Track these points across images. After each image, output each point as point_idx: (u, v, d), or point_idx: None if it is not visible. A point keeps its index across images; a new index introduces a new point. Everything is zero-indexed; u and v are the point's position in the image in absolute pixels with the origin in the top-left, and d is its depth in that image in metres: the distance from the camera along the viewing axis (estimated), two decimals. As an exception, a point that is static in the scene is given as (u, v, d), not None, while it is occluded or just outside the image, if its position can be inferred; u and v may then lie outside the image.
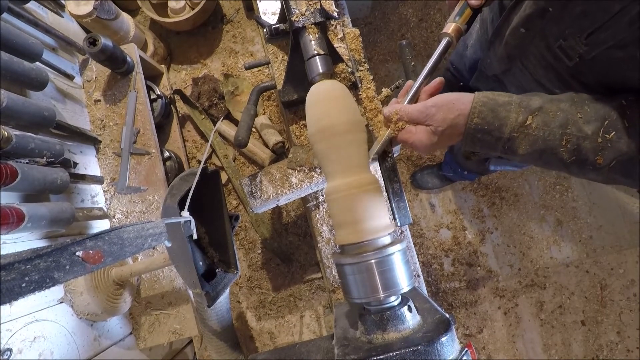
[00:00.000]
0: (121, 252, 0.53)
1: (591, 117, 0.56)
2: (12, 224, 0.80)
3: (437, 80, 0.69)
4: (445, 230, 1.79)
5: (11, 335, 0.84)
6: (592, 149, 0.55)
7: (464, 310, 1.74)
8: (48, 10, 1.26)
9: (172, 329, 1.21)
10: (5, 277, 0.39)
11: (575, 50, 0.58)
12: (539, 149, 0.59)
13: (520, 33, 0.68)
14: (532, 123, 0.58)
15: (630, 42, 0.51)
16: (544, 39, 0.64)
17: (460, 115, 0.61)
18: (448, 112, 0.62)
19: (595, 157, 0.56)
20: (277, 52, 1.13)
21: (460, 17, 0.70)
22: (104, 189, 1.27)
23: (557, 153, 0.58)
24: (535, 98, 0.60)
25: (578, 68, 0.61)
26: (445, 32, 0.70)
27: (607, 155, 0.55)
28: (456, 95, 0.63)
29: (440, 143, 0.65)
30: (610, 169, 0.56)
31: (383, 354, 0.57)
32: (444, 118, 0.62)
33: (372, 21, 1.92)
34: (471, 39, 1.10)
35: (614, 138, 0.54)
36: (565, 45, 0.60)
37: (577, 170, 0.59)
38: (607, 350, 1.69)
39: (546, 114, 0.58)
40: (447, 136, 0.63)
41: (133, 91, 1.29)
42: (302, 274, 1.64)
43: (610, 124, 0.54)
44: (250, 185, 0.98)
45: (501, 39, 0.75)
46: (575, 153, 0.57)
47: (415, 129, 0.66)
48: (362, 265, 0.63)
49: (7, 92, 0.90)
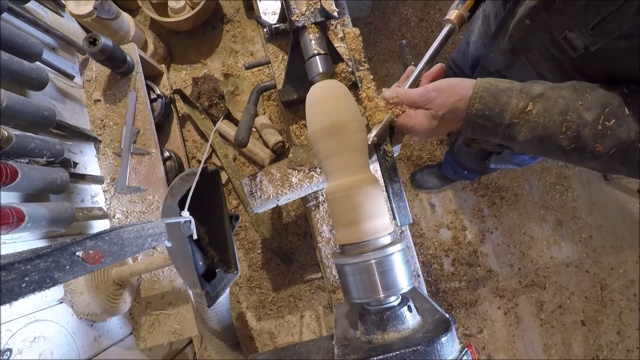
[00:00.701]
0: (121, 252, 0.53)
1: (592, 104, 0.56)
2: (12, 224, 0.80)
3: (438, 65, 0.69)
4: (445, 230, 1.79)
5: (11, 335, 0.84)
6: (592, 136, 0.55)
7: (464, 310, 1.74)
8: (48, 10, 1.26)
9: (172, 329, 1.21)
10: (5, 277, 0.39)
11: (580, 42, 0.58)
12: (538, 136, 0.58)
13: (525, 25, 0.68)
14: (533, 109, 0.58)
15: (636, 32, 0.51)
16: (549, 31, 0.64)
17: (461, 99, 0.61)
18: (449, 96, 0.62)
19: (594, 145, 0.55)
20: (277, 52, 1.13)
21: (463, 4, 0.70)
22: (104, 189, 1.26)
23: (556, 140, 0.58)
24: (536, 85, 0.59)
25: (582, 60, 0.61)
26: (447, 18, 0.70)
27: (606, 143, 0.55)
28: (457, 80, 0.63)
29: (440, 128, 0.65)
30: (609, 157, 0.56)
31: (383, 354, 0.57)
32: (444, 102, 0.62)
33: (372, 21, 1.92)
34: (473, 35, 1.10)
35: (614, 125, 0.54)
36: (570, 37, 0.59)
37: (577, 157, 0.59)
38: (607, 350, 1.69)
39: (547, 100, 0.57)
40: (447, 121, 0.63)
41: (133, 91, 1.29)
42: (302, 274, 1.64)
43: (610, 112, 0.54)
44: (250, 185, 0.98)
45: (505, 32, 0.74)
46: (575, 140, 0.56)
47: (415, 113, 0.66)
48: (362, 266, 0.63)
49: (7, 92, 0.90)
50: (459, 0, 0.70)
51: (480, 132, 0.62)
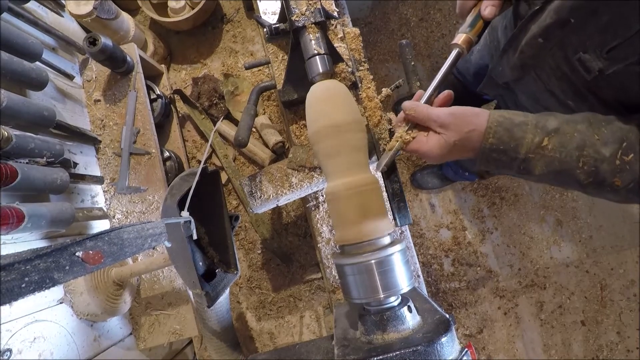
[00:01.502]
0: (121, 253, 0.53)
1: (609, 139, 0.55)
2: (12, 224, 0.80)
3: (445, 92, 0.69)
4: (445, 230, 1.78)
5: (11, 335, 0.84)
6: (610, 171, 0.55)
7: (464, 310, 1.74)
8: (48, 10, 1.26)
9: (172, 330, 1.21)
10: (5, 278, 0.39)
11: (594, 64, 0.57)
12: (555, 170, 0.58)
13: (537, 43, 0.67)
14: (549, 144, 0.57)
15: None
16: (562, 50, 0.63)
17: (475, 130, 0.61)
18: (463, 124, 0.61)
19: (613, 179, 0.55)
20: (277, 52, 1.13)
21: (473, 29, 0.68)
22: (104, 189, 1.26)
23: (574, 174, 0.57)
24: (551, 119, 0.59)
25: (596, 82, 0.60)
26: (456, 42, 0.69)
27: (625, 177, 0.54)
28: (472, 110, 0.62)
29: (451, 155, 0.64)
30: (627, 190, 0.55)
31: (383, 355, 0.57)
32: (458, 130, 0.61)
33: (372, 21, 1.92)
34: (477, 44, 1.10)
35: (632, 160, 0.54)
36: (584, 58, 0.59)
37: (595, 191, 0.58)
38: (607, 350, 1.69)
39: (563, 135, 0.57)
40: (458, 149, 0.63)
41: (133, 91, 1.29)
42: (302, 274, 1.64)
43: (628, 146, 0.54)
44: (250, 185, 0.98)
45: (516, 48, 0.73)
46: (593, 175, 0.56)
47: (426, 139, 0.66)
48: (362, 266, 0.63)
49: (7, 92, 0.90)
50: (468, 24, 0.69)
51: (494, 166, 0.62)
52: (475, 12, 0.69)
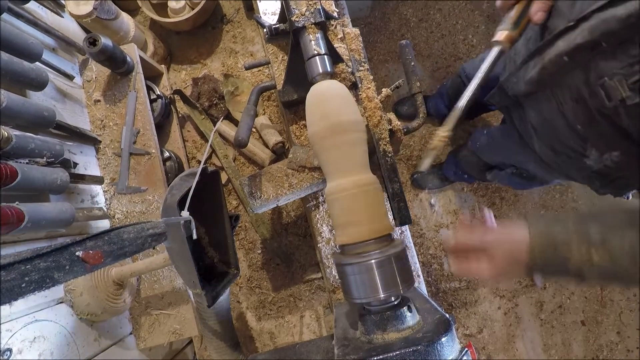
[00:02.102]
0: (121, 253, 0.53)
1: None
2: (12, 224, 0.80)
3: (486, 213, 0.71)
4: (445, 231, 1.78)
5: (11, 335, 0.84)
6: None
7: (464, 310, 1.74)
8: (48, 10, 1.26)
9: (172, 329, 1.21)
10: (5, 277, 0.39)
11: (618, 93, 0.56)
12: (609, 277, 0.57)
13: (562, 61, 0.64)
14: (596, 257, 0.56)
15: None
16: (586, 73, 0.61)
17: (519, 251, 0.61)
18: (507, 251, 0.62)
19: None
20: (277, 52, 1.13)
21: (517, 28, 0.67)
22: (104, 189, 1.26)
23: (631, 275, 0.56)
24: (592, 225, 0.57)
25: (616, 109, 0.59)
26: (497, 39, 0.68)
27: None
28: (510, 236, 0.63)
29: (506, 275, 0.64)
30: None
31: (383, 354, 0.57)
32: (503, 256, 0.62)
33: (372, 21, 1.92)
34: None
35: None
36: (608, 85, 0.57)
37: None
38: (607, 350, 1.69)
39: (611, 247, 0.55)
40: (509, 268, 0.63)
41: (133, 91, 1.29)
42: (302, 274, 1.64)
43: None
44: (250, 185, 0.98)
45: (537, 62, 0.70)
46: None
47: (477, 264, 0.65)
48: (362, 266, 0.63)
49: (7, 92, 0.90)
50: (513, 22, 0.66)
51: (551, 275, 0.62)
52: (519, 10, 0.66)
